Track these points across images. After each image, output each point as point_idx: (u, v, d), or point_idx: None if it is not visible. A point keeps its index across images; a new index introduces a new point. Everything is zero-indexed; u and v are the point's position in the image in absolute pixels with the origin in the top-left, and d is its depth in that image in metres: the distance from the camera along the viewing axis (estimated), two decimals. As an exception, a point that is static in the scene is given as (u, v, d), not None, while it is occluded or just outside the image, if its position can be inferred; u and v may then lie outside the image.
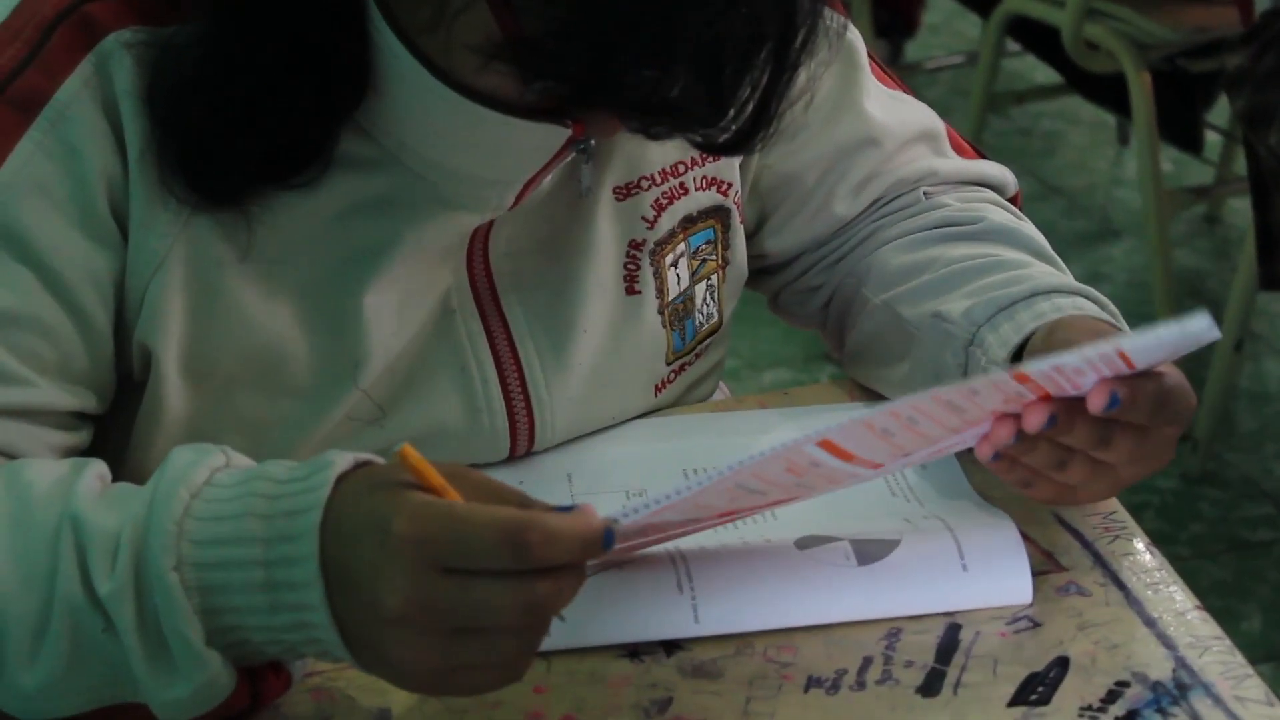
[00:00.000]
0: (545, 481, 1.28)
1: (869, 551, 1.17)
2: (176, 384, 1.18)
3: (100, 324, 1.16)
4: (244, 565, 0.99)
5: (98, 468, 1.08)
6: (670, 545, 1.18)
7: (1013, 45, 3.79)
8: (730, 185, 1.34)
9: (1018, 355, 1.22)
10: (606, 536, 0.97)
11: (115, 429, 1.21)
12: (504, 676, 0.99)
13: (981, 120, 3.69)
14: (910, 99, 1.44)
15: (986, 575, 1.17)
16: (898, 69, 4.14)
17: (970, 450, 1.29)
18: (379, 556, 0.96)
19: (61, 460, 1.11)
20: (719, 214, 1.34)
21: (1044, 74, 3.96)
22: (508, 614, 0.96)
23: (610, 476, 1.29)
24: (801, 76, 1.08)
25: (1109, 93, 3.45)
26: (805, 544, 1.18)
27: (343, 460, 1.01)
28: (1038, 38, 3.51)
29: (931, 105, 1.46)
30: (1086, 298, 1.25)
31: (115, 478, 1.09)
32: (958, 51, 4.46)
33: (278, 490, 1.01)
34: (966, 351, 1.25)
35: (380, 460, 1.04)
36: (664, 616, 1.14)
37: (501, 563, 0.95)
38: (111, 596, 1.00)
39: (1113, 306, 1.26)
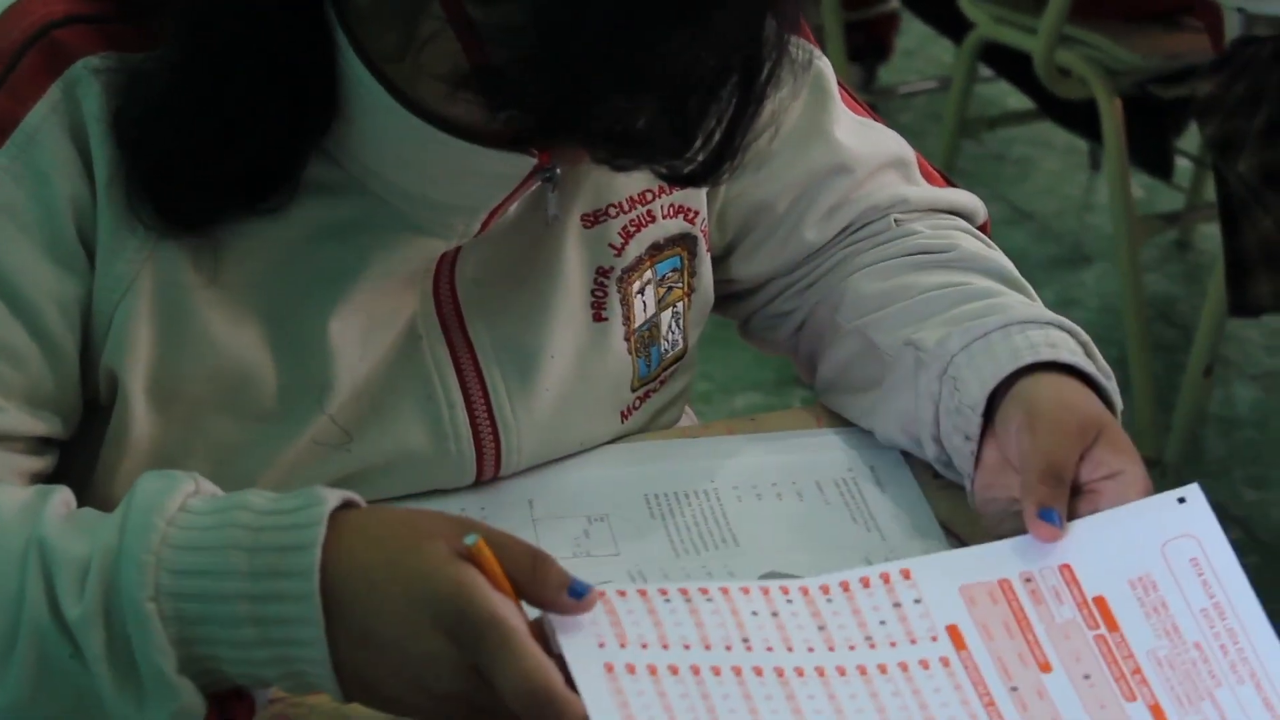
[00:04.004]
0: (506, 507, 1.28)
1: None
2: (143, 408, 1.18)
3: (67, 349, 1.16)
4: (226, 599, 1.00)
5: (63, 494, 1.08)
6: (632, 568, 1.19)
7: (986, 71, 3.80)
8: (697, 213, 1.35)
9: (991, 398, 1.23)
10: None
11: (81, 453, 1.21)
12: None
13: (954, 145, 3.70)
14: (880, 126, 1.44)
15: None
16: (871, 94, 4.14)
17: (935, 477, 1.31)
18: (440, 652, 0.98)
19: (25, 487, 1.11)
20: (686, 242, 1.35)
21: (1017, 99, 3.97)
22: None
23: (572, 502, 1.29)
24: (767, 108, 1.09)
25: (1081, 118, 3.46)
26: (768, 579, 1.18)
27: (333, 498, 1.02)
28: (1010, 63, 3.52)
29: (905, 130, 1.46)
30: (1058, 327, 1.26)
31: (80, 502, 1.09)
32: (931, 76, 4.46)
33: (260, 522, 1.02)
34: (940, 381, 1.26)
35: (360, 500, 1.05)
36: None
37: (516, 711, 0.98)
38: (80, 621, 1.00)
39: (1084, 334, 1.27)
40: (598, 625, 1.04)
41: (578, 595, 1.02)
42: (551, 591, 1.01)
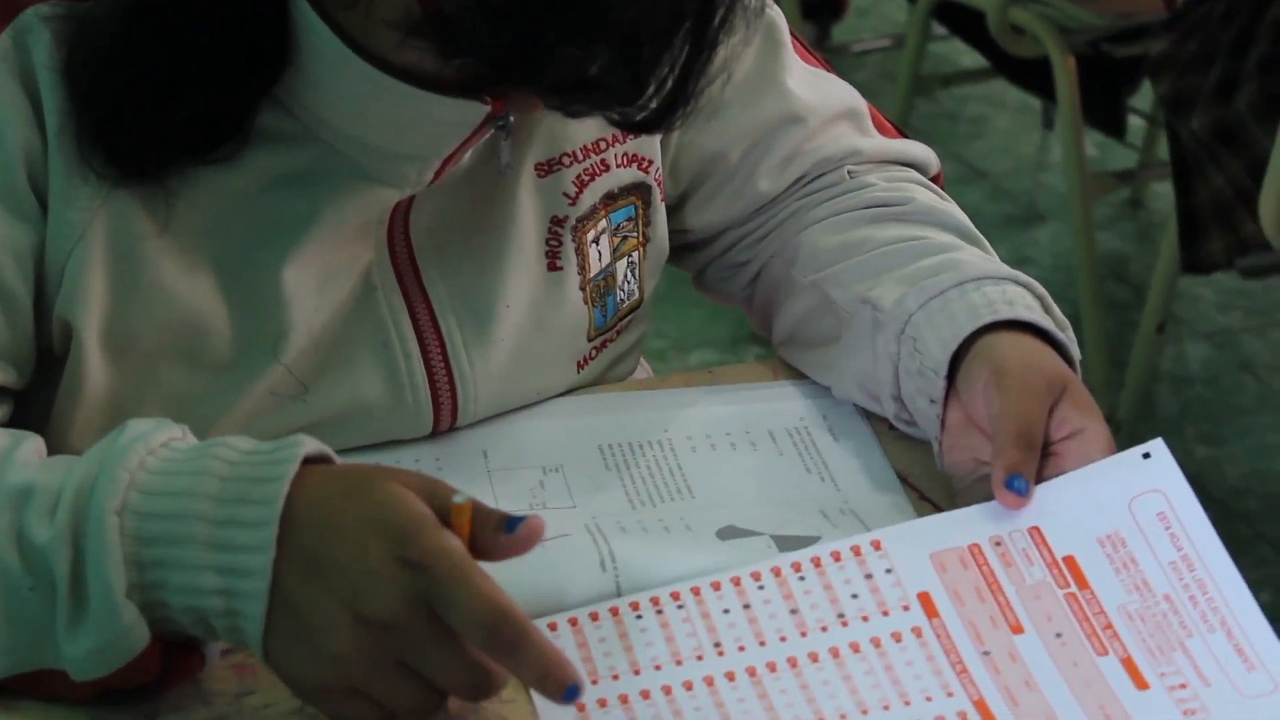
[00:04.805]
0: (461, 458, 1.28)
1: (789, 549, 1.17)
2: (97, 358, 1.18)
3: (21, 298, 1.15)
4: (188, 518, 1.00)
5: (36, 442, 1.09)
6: (589, 521, 1.19)
7: (939, 29, 3.80)
8: (651, 162, 1.34)
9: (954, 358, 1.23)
10: (570, 690, 0.99)
11: (36, 404, 1.20)
12: None
13: (908, 103, 3.71)
14: (832, 77, 1.44)
15: None
16: (825, 51, 4.14)
17: (890, 428, 1.31)
18: (383, 569, 0.98)
19: None
20: (640, 191, 1.35)
21: (970, 58, 3.98)
22: (452, 680, 0.99)
23: (526, 452, 1.29)
24: (720, 55, 1.08)
25: (1034, 77, 3.47)
26: (726, 535, 1.19)
27: (311, 443, 1.03)
28: (964, 22, 3.52)
29: (858, 88, 1.46)
30: (1014, 282, 1.26)
31: (36, 453, 1.09)
32: (885, 34, 4.47)
33: (239, 458, 1.02)
34: (898, 342, 1.26)
35: (333, 454, 1.05)
36: (587, 592, 1.14)
37: (473, 638, 0.98)
38: (50, 545, 1.00)
39: (1040, 288, 1.28)
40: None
41: (511, 529, 1.01)
42: (488, 533, 1.01)
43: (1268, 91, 2.61)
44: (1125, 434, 3.09)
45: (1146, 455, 1.16)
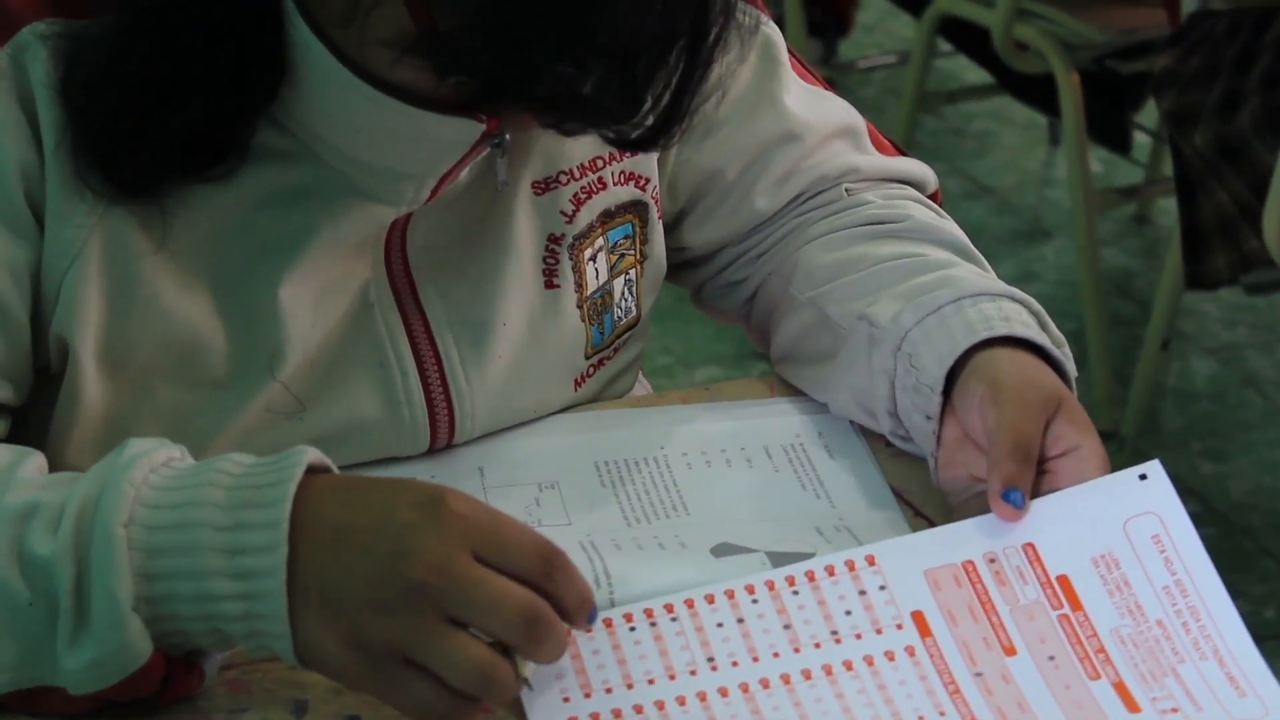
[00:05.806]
0: (458, 476, 1.28)
1: (783, 565, 1.17)
2: (94, 375, 1.18)
3: (18, 315, 1.16)
4: (196, 527, 1.01)
5: (38, 459, 1.09)
6: (584, 538, 1.19)
7: (945, 45, 3.80)
8: (648, 180, 1.35)
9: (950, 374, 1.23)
10: (591, 613, 1.02)
11: (33, 420, 1.21)
12: (447, 708, 1.00)
13: (913, 119, 3.70)
14: (830, 95, 1.44)
15: None
16: (831, 68, 4.15)
17: (886, 445, 1.31)
18: (420, 521, 1.00)
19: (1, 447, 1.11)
20: (637, 209, 1.35)
21: (976, 74, 3.97)
22: (508, 615, 0.99)
23: (522, 470, 1.29)
24: (714, 73, 1.09)
25: (1039, 93, 3.47)
26: (721, 552, 1.19)
27: (313, 453, 1.04)
28: (969, 38, 3.53)
29: (864, 105, 1.46)
30: (1011, 298, 1.26)
31: (33, 470, 1.09)
32: (890, 51, 4.46)
33: (242, 470, 1.03)
34: (895, 358, 1.26)
35: (332, 464, 1.06)
36: None
37: (528, 567, 1.00)
38: (52, 558, 1.01)
39: (1037, 305, 1.28)
40: (563, 679, 1.06)
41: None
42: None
43: (1270, 107, 2.61)
44: (1130, 449, 3.09)
45: (1143, 477, 1.15)
